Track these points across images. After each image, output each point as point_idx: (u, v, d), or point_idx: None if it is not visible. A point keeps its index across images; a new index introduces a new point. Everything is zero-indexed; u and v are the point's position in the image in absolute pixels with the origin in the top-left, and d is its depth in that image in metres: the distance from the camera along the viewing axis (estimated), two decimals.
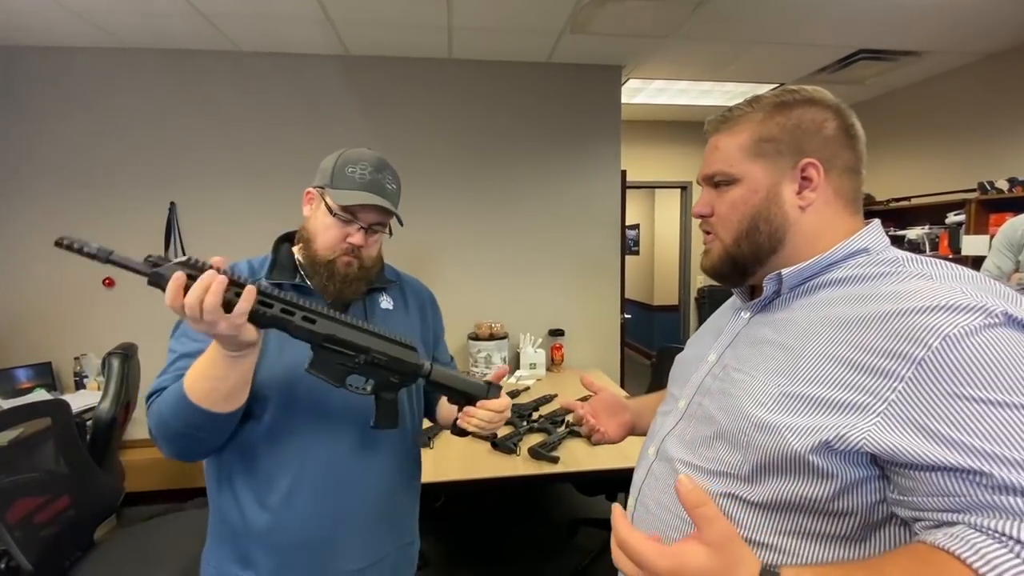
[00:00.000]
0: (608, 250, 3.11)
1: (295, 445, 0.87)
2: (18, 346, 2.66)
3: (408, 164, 2.85)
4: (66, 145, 2.65)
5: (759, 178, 0.65)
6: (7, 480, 1.41)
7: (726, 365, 0.68)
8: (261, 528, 0.87)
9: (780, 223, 0.65)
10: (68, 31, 2.44)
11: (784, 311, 0.65)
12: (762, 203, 0.65)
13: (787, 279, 0.64)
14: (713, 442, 0.63)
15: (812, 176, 0.64)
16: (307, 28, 2.44)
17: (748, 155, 0.65)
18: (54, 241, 0.65)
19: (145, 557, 1.53)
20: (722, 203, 0.68)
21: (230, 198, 2.76)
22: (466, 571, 2.26)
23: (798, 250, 0.65)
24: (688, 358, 0.80)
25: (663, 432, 0.74)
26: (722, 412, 0.63)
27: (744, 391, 0.61)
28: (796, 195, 0.64)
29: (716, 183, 0.68)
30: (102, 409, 1.85)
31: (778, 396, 0.56)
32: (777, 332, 0.63)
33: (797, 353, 0.58)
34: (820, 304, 0.61)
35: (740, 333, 0.70)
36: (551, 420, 1.99)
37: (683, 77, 3.22)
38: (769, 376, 0.59)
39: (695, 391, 0.71)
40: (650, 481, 0.73)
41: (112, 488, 1.73)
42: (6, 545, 1.29)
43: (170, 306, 0.66)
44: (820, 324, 0.58)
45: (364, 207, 0.89)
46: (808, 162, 0.63)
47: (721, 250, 0.69)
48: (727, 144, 0.67)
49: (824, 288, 0.62)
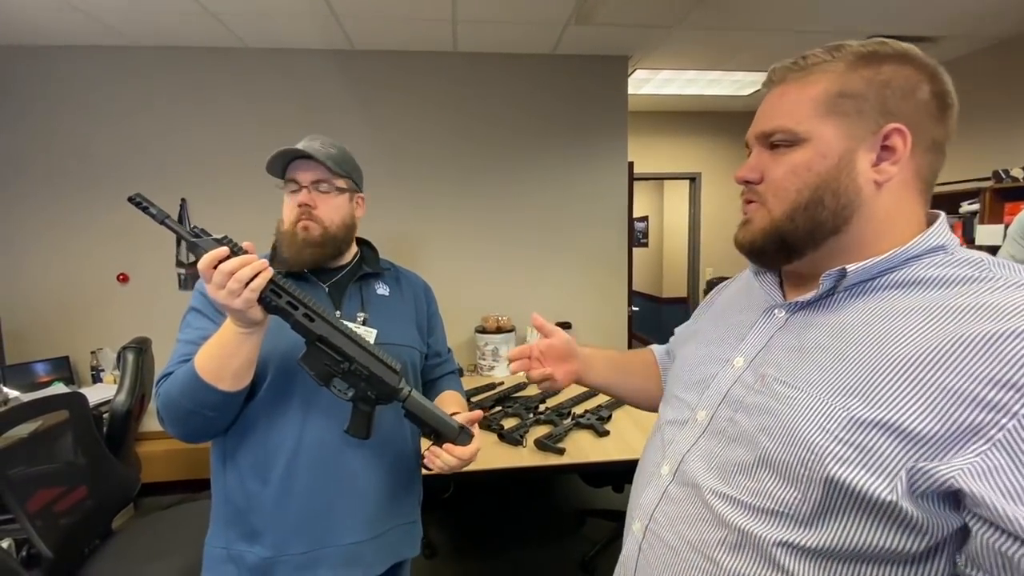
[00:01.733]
0: (615, 242, 3.10)
1: (292, 420, 0.92)
2: (37, 341, 2.73)
3: (414, 157, 2.86)
4: (78, 144, 2.69)
5: (831, 140, 0.53)
6: (28, 471, 1.45)
7: (763, 375, 0.56)
8: (264, 502, 0.91)
9: (850, 199, 0.53)
10: (74, 30, 2.47)
11: (835, 313, 0.54)
12: (832, 171, 0.53)
13: (852, 276, 0.52)
14: (757, 471, 0.52)
15: (896, 146, 0.52)
16: (312, 23, 2.45)
17: (821, 111, 0.53)
18: (127, 197, 0.77)
19: (161, 545, 1.57)
20: (778, 167, 0.55)
21: (237, 193, 2.79)
22: (474, 561, 2.29)
23: (863, 236, 0.53)
24: (700, 358, 0.68)
25: (680, 449, 0.62)
26: (767, 435, 0.52)
27: (797, 411, 0.50)
28: (872, 167, 0.52)
29: (773, 143, 0.56)
30: (118, 402, 1.89)
31: (848, 422, 0.46)
32: (834, 339, 0.52)
33: (869, 368, 0.47)
34: (891, 309, 0.50)
35: (775, 336, 0.58)
36: (557, 412, 2.00)
37: (691, 67, 3.18)
38: (831, 394, 0.48)
39: (720, 401, 0.60)
40: (666, 507, 0.61)
41: (129, 478, 1.78)
42: (27, 534, 1.33)
43: (200, 268, 0.75)
44: (898, 335, 0.48)
45: (300, 166, 0.96)
46: (894, 128, 0.51)
47: (768, 223, 0.56)
48: (796, 96, 0.55)
49: (889, 289, 0.52)
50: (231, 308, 0.76)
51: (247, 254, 0.77)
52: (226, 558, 0.93)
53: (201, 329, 0.90)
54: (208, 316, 0.92)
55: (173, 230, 0.80)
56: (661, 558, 0.59)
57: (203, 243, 0.77)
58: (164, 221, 0.79)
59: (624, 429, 1.88)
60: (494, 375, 2.73)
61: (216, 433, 0.92)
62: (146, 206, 0.77)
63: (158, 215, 0.78)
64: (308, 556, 0.92)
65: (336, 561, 0.93)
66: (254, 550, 0.91)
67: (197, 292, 0.96)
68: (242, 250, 0.77)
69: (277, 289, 0.80)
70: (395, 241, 2.85)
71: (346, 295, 1.01)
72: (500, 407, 2.12)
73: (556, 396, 2.26)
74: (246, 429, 0.92)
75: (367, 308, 1.01)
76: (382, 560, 0.99)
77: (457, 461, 0.91)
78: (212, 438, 0.94)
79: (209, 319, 0.92)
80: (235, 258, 0.75)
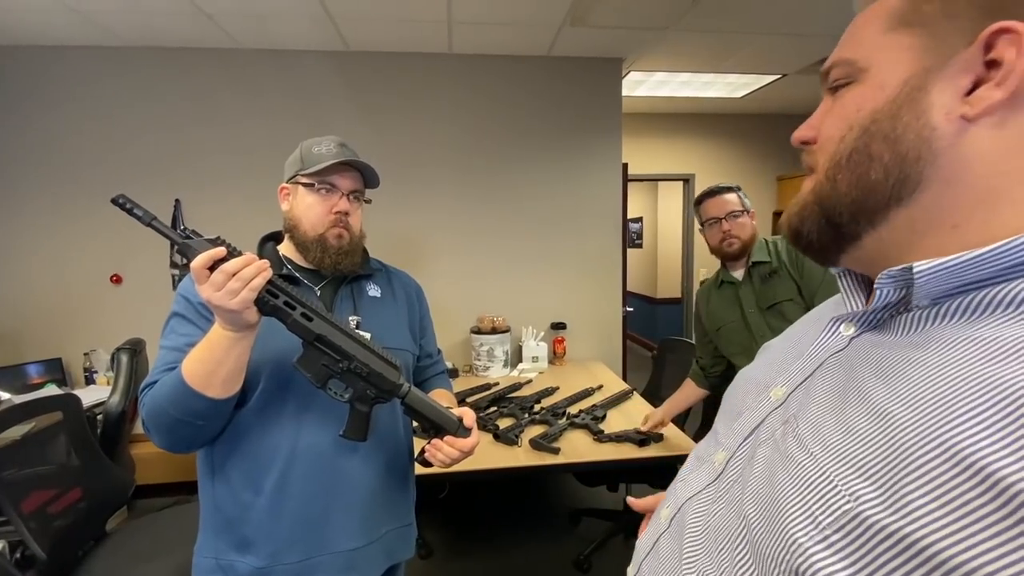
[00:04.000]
0: (610, 243, 3.12)
1: (286, 428, 0.90)
2: (29, 342, 2.71)
3: (408, 159, 2.87)
4: (71, 145, 2.67)
5: (895, 63, 0.35)
6: (21, 473, 1.45)
7: (791, 417, 0.39)
8: (257, 511, 0.89)
9: (916, 145, 0.34)
10: (66, 30, 2.45)
11: (913, 338, 0.34)
12: (888, 105, 0.35)
13: (923, 284, 0.33)
14: (741, 549, 0.37)
15: (1005, 57, 0.31)
16: (307, 24, 2.45)
17: (889, 25, 0.36)
18: (111, 199, 0.74)
19: (156, 547, 1.57)
20: (831, 114, 0.39)
21: (231, 194, 2.78)
22: (469, 560, 2.29)
23: (951, 209, 0.34)
24: (751, 380, 0.50)
25: (686, 492, 0.48)
26: (754, 503, 0.36)
27: (795, 484, 0.33)
28: (963, 96, 0.33)
29: (833, 84, 0.40)
30: (112, 403, 1.88)
31: (840, 516, 0.29)
32: (888, 381, 0.32)
33: (905, 442, 0.28)
34: (992, 348, 0.29)
35: (829, 361, 0.40)
36: (552, 412, 2.01)
37: (685, 69, 3.20)
38: (842, 467, 0.31)
39: (743, 440, 0.43)
40: (652, 563, 0.48)
41: (123, 480, 1.77)
42: (22, 535, 1.33)
43: (195, 267, 0.73)
44: (972, 390, 0.27)
45: (340, 172, 0.95)
46: (1002, 28, 0.31)
47: (809, 193, 0.40)
48: (867, 16, 0.39)
49: (1009, 307, 0.30)
50: (226, 309, 0.73)
51: (245, 255, 0.76)
52: (216, 568, 0.91)
53: (186, 335, 0.87)
54: (193, 321, 0.89)
55: (161, 232, 0.76)
56: None
57: (196, 243, 0.74)
58: (151, 223, 0.75)
59: (619, 428, 1.89)
60: (489, 375, 2.74)
61: (204, 443, 0.89)
62: (131, 208, 0.74)
63: (144, 217, 0.74)
64: (304, 564, 0.91)
65: (333, 568, 0.92)
66: (246, 560, 0.89)
67: (180, 297, 0.92)
68: (239, 251, 0.76)
69: (274, 289, 0.78)
70: (389, 241, 2.85)
71: (337, 297, 0.99)
72: (495, 407, 2.13)
73: (551, 396, 2.27)
74: (237, 438, 0.89)
75: (359, 310, 1.00)
76: (379, 564, 1.00)
77: (459, 454, 0.92)
78: (200, 448, 0.91)
79: (194, 324, 0.88)
80: (237, 258, 0.74)
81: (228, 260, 0.74)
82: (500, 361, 2.78)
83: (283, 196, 0.99)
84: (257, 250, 0.99)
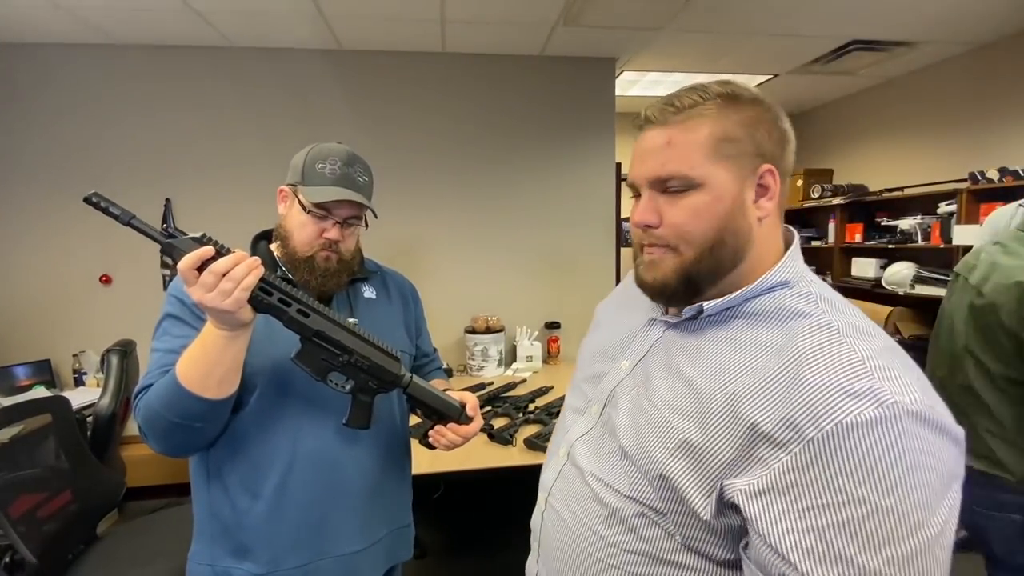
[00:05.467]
0: (603, 243, 3.12)
1: (286, 432, 0.88)
2: (16, 344, 2.67)
3: (401, 158, 2.85)
4: (60, 143, 2.64)
5: (724, 183, 0.57)
6: (10, 476, 1.43)
7: (637, 384, 0.64)
8: (255, 517, 0.88)
9: (744, 237, 0.58)
10: (57, 28, 2.42)
11: (696, 337, 0.61)
12: (728, 213, 0.57)
13: (708, 311, 0.60)
14: (619, 459, 0.61)
15: (769, 184, 0.58)
16: (299, 23, 2.43)
17: (711, 156, 0.57)
18: (83, 198, 0.69)
19: (147, 550, 1.56)
20: (678, 211, 0.58)
21: (223, 194, 2.76)
22: (464, 559, 2.29)
23: (752, 268, 0.60)
24: (598, 351, 0.75)
25: (575, 434, 0.70)
26: (628, 436, 0.61)
27: (651, 425, 0.59)
28: (754, 204, 0.58)
29: (668, 188, 0.59)
30: (102, 405, 1.86)
31: (681, 444, 0.55)
32: (690, 362, 0.59)
33: (705, 398, 0.55)
34: (736, 340, 0.57)
35: (655, 345, 0.65)
36: (547, 411, 2.02)
37: (678, 69, 3.22)
38: (674, 416, 0.57)
39: (606, 398, 0.68)
40: (560, 484, 0.70)
41: (113, 483, 1.75)
42: (10, 540, 1.31)
43: (182, 268, 0.69)
44: (728, 367, 0.55)
45: (338, 202, 0.90)
46: (768, 168, 0.57)
47: (677, 266, 0.59)
48: (683, 142, 0.57)
49: (740, 318, 0.59)
50: (219, 309, 0.70)
51: (234, 253, 0.72)
52: (211, 575, 0.90)
53: (182, 337, 0.84)
54: (187, 322, 0.86)
55: (142, 231, 0.71)
56: (557, 528, 0.68)
57: (181, 243, 0.70)
58: (130, 222, 0.70)
59: None
60: (483, 375, 2.74)
61: (202, 446, 0.87)
62: (106, 206, 0.68)
63: (122, 216, 0.69)
64: (304, 570, 0.90)
65: (334, 573, 0.92)
66: (243, 567, 0.88)
67: (172, 297, 0.89)
68: (228, 249, 0.72)
69: (267, 287, 0.76)
70: (383, 241, 2.83)
71: (334, 300, 0.98)
72: (490, 407, 2.13)
73: (545, 396, 2.28)
74: (234, 443, 0.87)
75: (356, 313, 0.99)
76: (379, 567, 0.99)
77: (461, 439, 0.94)
78: (198, 452, 0.89)
79: (189, 325, 0.86)
80: (226, 257, 0.70)
81: (216, 259, 0.70)
82: (494, 361, 2.78)
83: (281, 197, 0.96)
84: (250, 250, 0.96)
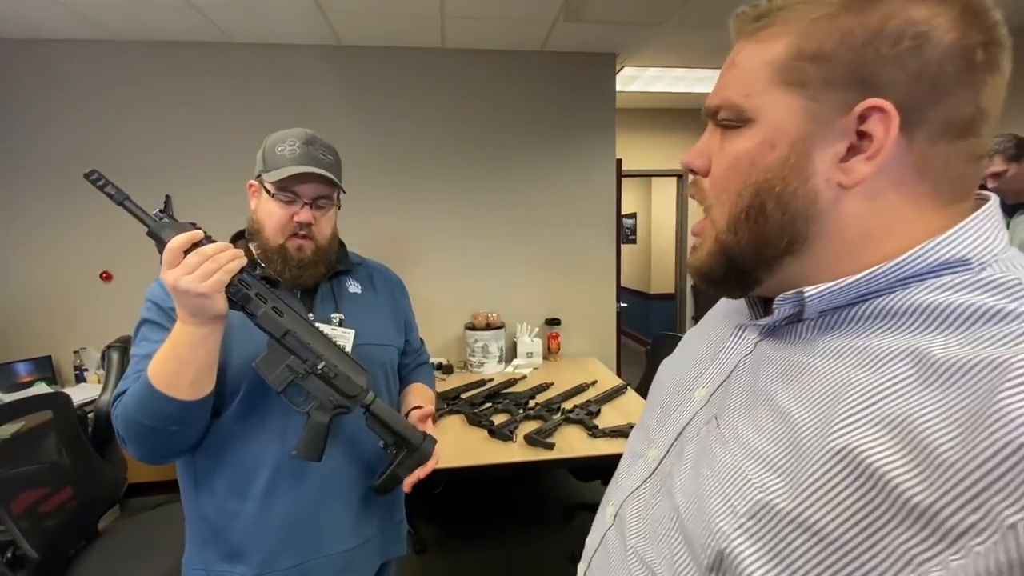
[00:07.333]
0: (604, 239, 3.12)
1: (272, 433, 0.88)
2: (17, 340, 2.67)
3: (401, 154, 2.85)
4: (60, 139, 2.63)
5: (782, 122, 0.38)
6: (11, 472, 1.43)
7: (713, 417, 0.44)
8: (245, 520, 0.87)
9: (800, 210, 0.38)
10: (54, 23, 2.41)
11: (801, 348, 0.40)
12: (777, 167, 0.38)
13: (812, 304, 0.39)
14: (670, 529, 0.41)
15: (874, 132, 0.35)
16: (298, 18, 2.42)
17: (775, 79, 0.38)
18: (83, 173, 0.71)
19: (148, 545, 1.56)
20: (722, 157, 0.41)
21: (222, 189, 2.75)
22: (465, 555, 2.30)
23: (834, 257, 0.39)
24: (672, 375, 0.55)
25: (627, 488, 0.50)
26: (685, 494, 0.41)
27: (717, 479, 0.38)
28: (838, 162, 0.37)
29: (721, 122, 0.42)
30: (103, 401, 1.87)
31: (756, 507, 0.34)
32: (787, 385, 0.38)
33: (805, 440, 0.34)
34: (864, 353, 0.35)
35: (742, 364, 0.45)
36: (547, 407, 2.02)
37: (678, 64, 3.20)
38: (754, 466, 0.36)
39: (674, 439, 0.47)
40: (601, 556, 0.51)
41: (114, 479, 1.76)
42: (12, 536, 1.32)
43: (171, 247, 0.71)
44: (850, 394, 0.33)
45: (301, 180, 0.88)
46: (872, 106, 0.34)
47: (713, 239, 0.42)
48: (748, 60, 0.40)
49: (871, 320, 0.37)
50: (195, 292, 0.69)
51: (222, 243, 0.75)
52: None
53: (159, 342, 0.80)
54: (165, 327, 0.84)
55: (134, 213, 0.74)
56: None
57: (172, 225, 0.72)
58: (124, 203, 0.73)
59: (613, 423, 1.90)
60: (484, 371, 2.74)
61: (183, 451, 0.85)
62: (103, 184, 0.71)
63: (117, 195, 0.72)
64: (298, 569, 0.89)
65: (328, 571, 0.92)
66: (237, 570, 0.88)
67: (149, 302, 0.88)
68: (212, 239, 0.75)
69: (245, 282, 0.76)
70: (382, 237, 2.84)
71: (318, 295, 0.96)
72: (490, 403, 2.13)
73: (545, 392, 2.28)
74: (219, 447, 0.86)
75: (341, 308, 0.97)
76: (373, 563, 0.99)
77: (426, 472, 0.92)
78: (179, 457, 0.87)
79: (166, 330, 0.82)
80: (213, 244, 0.73)
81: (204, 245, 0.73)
82: (495, 357, 2.78)
83: (251, 193, 0.94)
84: (231, 241, 0.96)
